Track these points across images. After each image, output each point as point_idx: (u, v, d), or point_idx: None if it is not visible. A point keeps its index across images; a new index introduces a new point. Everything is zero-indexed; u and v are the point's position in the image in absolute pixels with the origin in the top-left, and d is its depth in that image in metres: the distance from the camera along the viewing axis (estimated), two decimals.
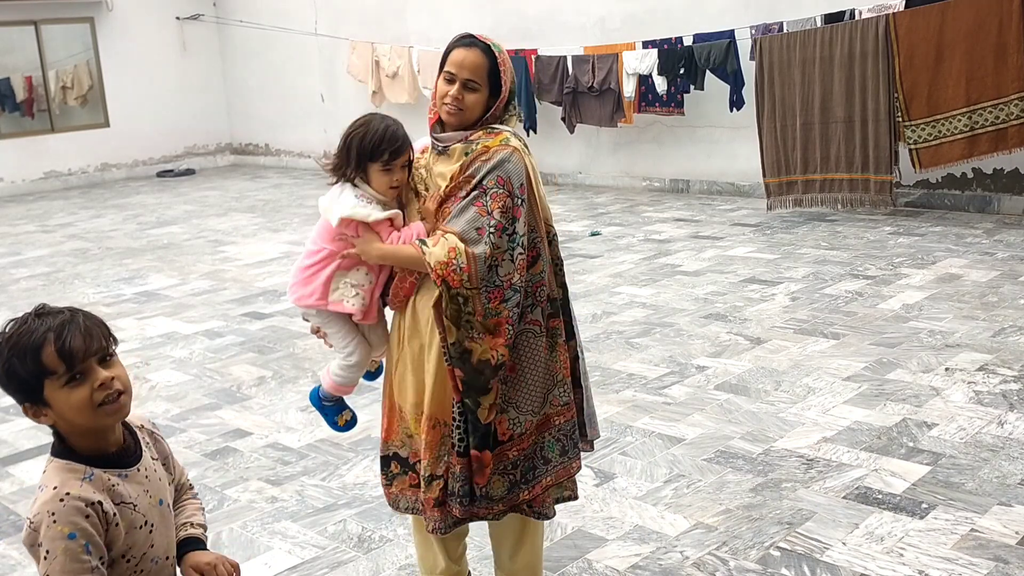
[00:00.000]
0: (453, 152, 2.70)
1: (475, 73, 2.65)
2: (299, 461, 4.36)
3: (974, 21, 7.76)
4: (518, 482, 2.78)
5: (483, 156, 2.65)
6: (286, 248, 9.07)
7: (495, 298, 2.59)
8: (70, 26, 14.29)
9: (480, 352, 2.60)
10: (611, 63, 10.19)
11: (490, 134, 2.70)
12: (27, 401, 1.88)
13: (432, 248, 2.60)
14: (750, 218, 9.10)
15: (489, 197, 2.61)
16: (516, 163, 2.65)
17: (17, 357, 1.84)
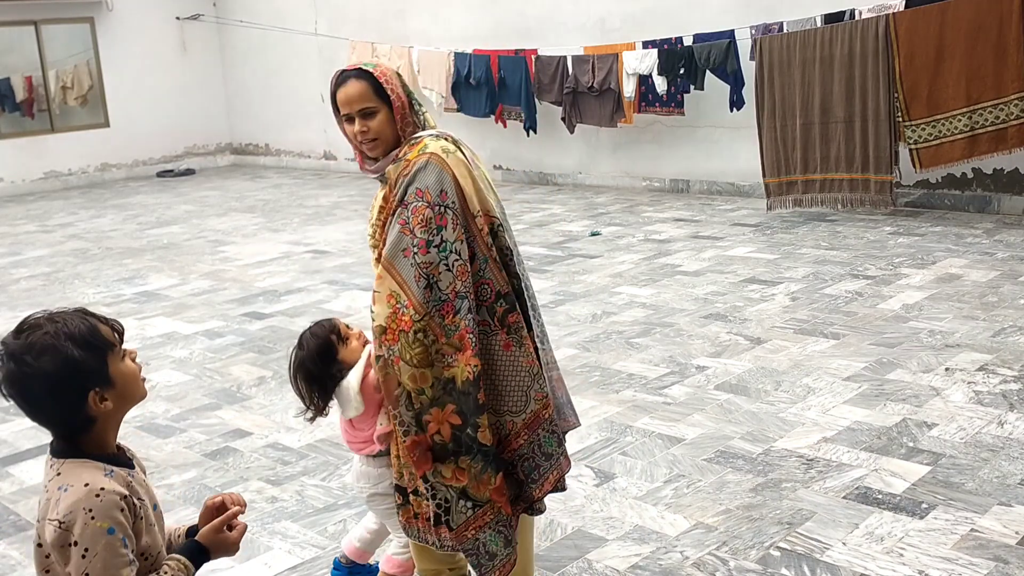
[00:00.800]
0: (390, 175, 2.68)
1: (363, 100, 2.64)
2: (299, 461, 4.36)
3: (974, 21, 7.76)
4: (525, 481, 2.76)
5: (404, 172, 2.63)
6: (286, 248, 9.07)
7: (448, 312, 2.56)
8: (70, 26, 14.29)
9: (460, 375, 2.57)
10: (611, 63, 10.19)
11: (412, 145, 2.68)
12: (97, 385, 1.88)
13: (377, 310, 2.61)
14: (750, 218, 9.10)
15: (410, 212, 2.57)
16: (431, 170, 2.60)
17: (77, 343, 1.86)
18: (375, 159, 2.72)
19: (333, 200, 11.81)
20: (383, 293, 2.59)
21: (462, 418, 2.60)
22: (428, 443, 2.61)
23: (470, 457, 2.62)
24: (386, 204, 2.67)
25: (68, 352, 1.83)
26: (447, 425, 2.60)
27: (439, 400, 2.59)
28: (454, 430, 2.60)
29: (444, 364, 2.57)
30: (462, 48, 11.77)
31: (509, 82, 11.21)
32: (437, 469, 2.63)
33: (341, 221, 10.36)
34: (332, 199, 11.90)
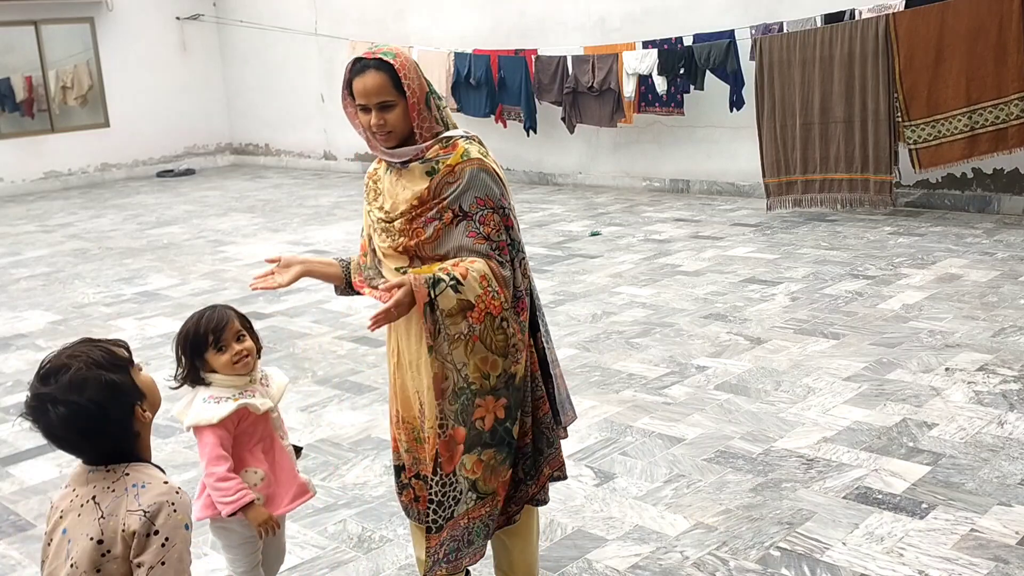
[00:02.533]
0: (414, 169, 2.67)
1: (381, 93, 2.59)
2: (299, 461, 4.35)
3: (974, 21, 7.76)
4: (524, 479, 2.80)
5: (449, 177, 2.63)
6: (286, 248, 9.07)
7: (522, 310, 2.66)
8: (70, 26, 14.29)
9: (521, 371, 2.65)
10: (611, 63, 10.19)
11: (446, 147, 2.67)
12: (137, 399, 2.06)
13: (466, 282, 2.55)
14: (750, 218, 9.10)
15: (478, 222, 2.61)
16: (486, 177, 2.64)
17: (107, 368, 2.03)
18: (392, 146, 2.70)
19: (333, 200, 11.81)
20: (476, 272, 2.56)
21: (507, 413, 2.65)
22: (462, 436, 2.63)
23: (495, 450, 2.66)
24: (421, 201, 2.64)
25: (106, 378, 1.96)
26: (492, 416, 2.64)
27: (497, 391, 2.62)
28: (496, 422, 2.65)
29: (515, 359, 2.63)
30: (462, 48, 11.77)
31: (509, 82, 11.22)
32: (463, 463, 2.65)
33: (341, 221, 10.36)
34: (332, 199, 11.90)
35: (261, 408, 2.81)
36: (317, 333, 6.28)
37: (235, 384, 2.80)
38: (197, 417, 2.76)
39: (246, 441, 2.82)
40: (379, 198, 2.76)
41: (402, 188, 2.68)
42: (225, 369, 2.78)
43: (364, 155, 14.07)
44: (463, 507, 2.70)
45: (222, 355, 2.77)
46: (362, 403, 5.02)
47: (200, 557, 3.59)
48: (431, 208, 2.63)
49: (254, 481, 2.81)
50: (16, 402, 5.32)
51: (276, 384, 2.94)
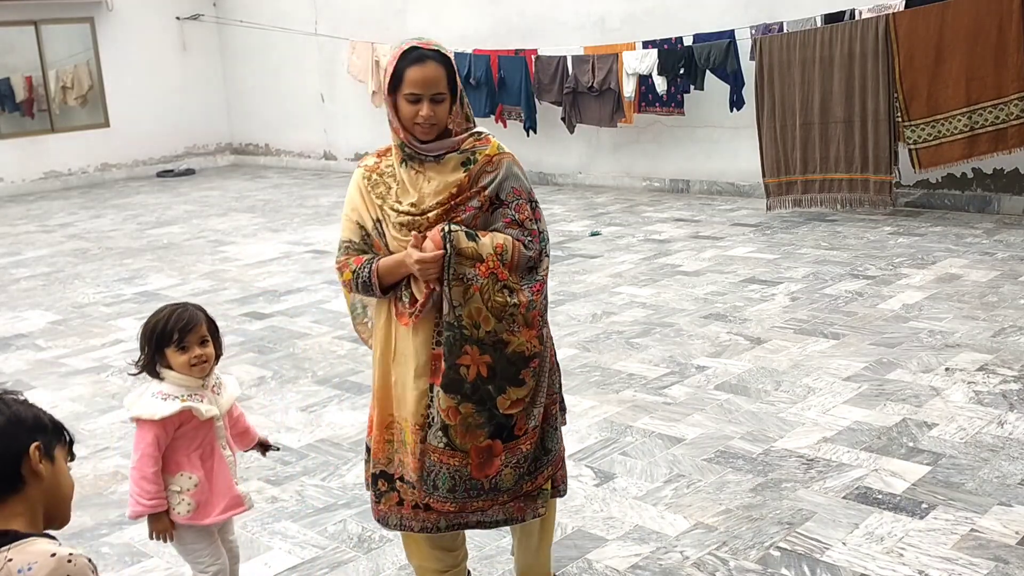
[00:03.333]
0: (448, 161, 2.69)
1: (438, 86, 2.61)
2: (299, 461, 4.36)
3: (974, 21, 7.76)
4: (524, 475, 2.78)
5: (487, 167, 2.70)
6: (286, 248, 9.07)
7: (537, 291, 2.69)
8: (70, 26, 14.29)
9: (516, 344, 2.65)
10: (611, 63, 10.19)
11: (480, 140, 2.73)
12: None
13: (482, 240, 2.62)
14: (750, 218, 9.10)
15: (512, 209, 2.70)
16: (518, 170, 2.75)
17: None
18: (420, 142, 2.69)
19: (333, 200, 11.81)
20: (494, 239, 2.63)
21: (490, 373, 2.64)
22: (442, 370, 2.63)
23: (475, 408, 2.65)
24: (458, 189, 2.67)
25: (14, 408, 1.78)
26: (476, 368, 2.63)
27: (484, 345, 2.63)
28: (479, 379, 2.64)
29: (509, 328, 2.64)
30: (462, 48, 11.77)
31: (509, 82, 11.22)
32: (439, 395, 2.65)
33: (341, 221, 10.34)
34: (332, 199, 11.90)
35: (205, 414, 2.81)
36: (317, 333, 6.28)
37: (187, 385, 2.81)
38: (141, 410, 2.76)
39: (185, 445, 2.82)
40: (393, 192, 2.72)
41: (429, 181, 2.68)
42: (181, 369, 2.80)
43: (364, 155, 14.04)
44: (433, 438, 2.68)
45: (181, 355, 2.79)
46: (362, 403, 5.02)
47: None
48: (471, 197, 2.68)
49: (187, 486, 2.81)
50: None
51: (228, 393, 2.94)
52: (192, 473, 2.82)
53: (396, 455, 2.78)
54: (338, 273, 2.81)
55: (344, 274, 2.77)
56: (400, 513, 2.80)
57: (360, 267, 2.73)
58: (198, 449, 2.84)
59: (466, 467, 2.70)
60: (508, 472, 2.73)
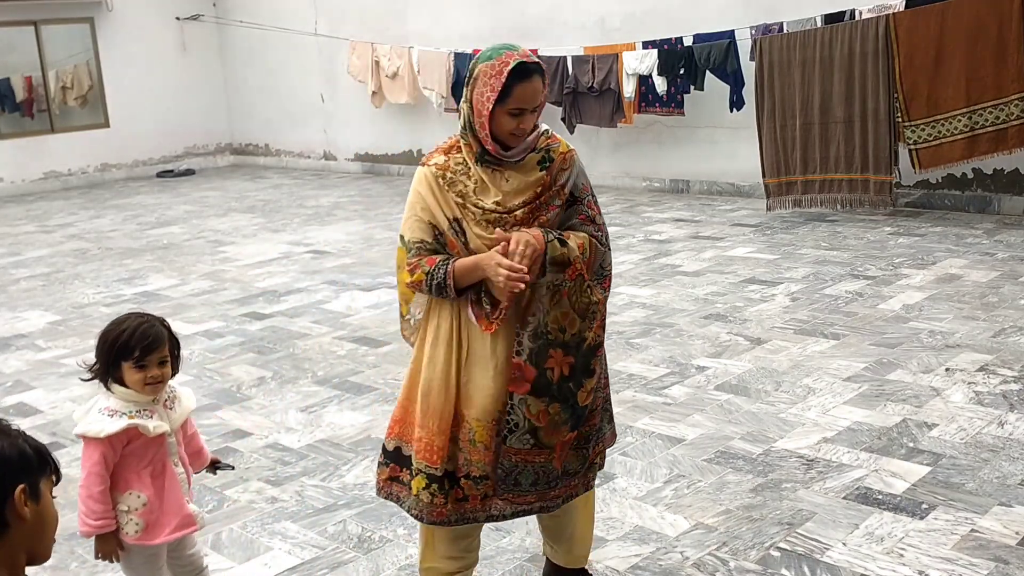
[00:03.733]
0: (529, 160, 2.74)
1: (539, 98, 2.67)
2: (299, 461, 4.36)
3: (974, 21, 7.76)
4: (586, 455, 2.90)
5: (563, 164, 2.78)
6: (286, 248, 9.07)
7: (607, 287, 2.85)
8: (70, 26, 14.29)
9: (591, 338, 2.78)
10: (611, 63, 10.19)
11: (550, 138, 2.81)
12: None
13: (569, 243, 2.70)
14: (750, 218, 9.10)
15: (586, 206, 2.80)
16: (582, 167, 2.86)
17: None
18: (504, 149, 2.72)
19: (333, 200, 11.81)
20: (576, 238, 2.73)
21: (571, 371, 2.74)
22: (533, 374, 2.70)
23: (560, 405, 2.74)
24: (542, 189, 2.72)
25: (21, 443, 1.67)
26: (559, 370, 2.72)
27: (568, 347, 2.73)
28: (561, 378, 2.73)
29: (589, 325, 2.77)
30: (462, 48, 11.77)
31: None
32: (526, 400, 2.71)
33: (341, 221, 10.35)
34: (332, 199, 11.90)
35: (153, 431, 2.70)
36: (317, 333, 6.28)
37: (136, 400, 2.71)
38: (87, 427, 2.67)
39: (134, 463, 2.72)
40: (474, 192, 2.70)
41: (508, 180, 2.71)
42: (134, 386, 2.70)
43: (364, 155, 14.08)
44: (518, 443, 2.74)
45: (137, 373, 2.69)
46: (362, 403, 5.02)
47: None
48: (553, 196, 2.75)
49: (136, 505, 2.72)
50: (16, 402, 5.32)
51: (182, 407, 2.85)
52: (141, 492, 2.72)
53: (461, 454, 2.75)
54: (407, 274, 2.73)
55: (415, 275, 2.70)
56: (463, 508, 2.80)
57: (434, 268, 2.67)
58: (148, 466, 2.74)
59: (550, 461, 2.79)
60: (572, 455, 2.84)
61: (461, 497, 2.78)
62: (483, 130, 2.66)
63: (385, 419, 4.75)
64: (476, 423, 2.73)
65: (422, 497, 2.78)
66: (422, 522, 2.84)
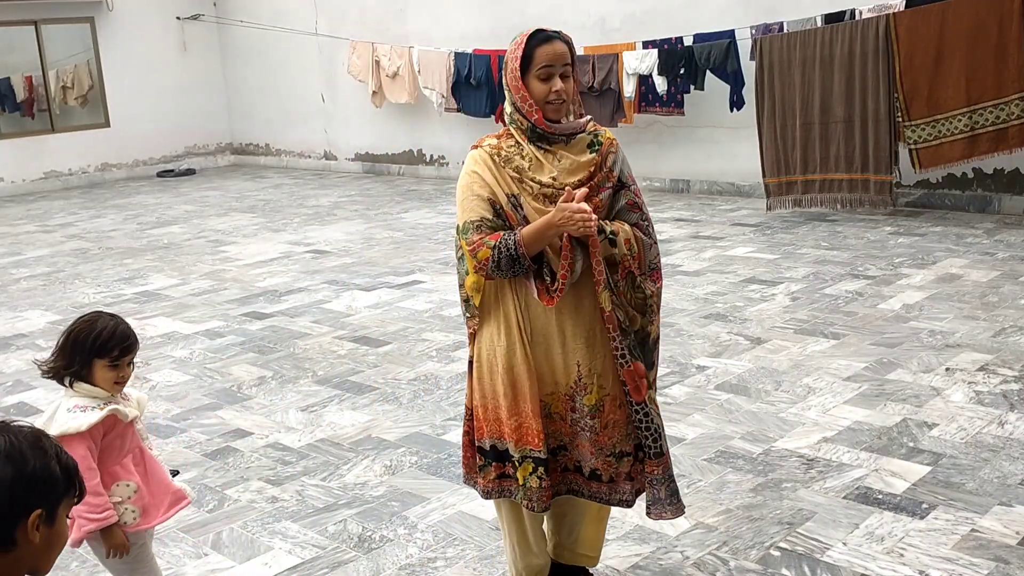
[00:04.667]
0: (579, 141, 2.79)
1: (565, 60, 2.72)
2: (299, 461, 4.36)
3: (974, 21, 7.76)
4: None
5: (611, 148, 2.83)
6: (286, 248, 9.07)
7: (658, 279, 2.86)
8: (70, 26, 14.29)
9: (654, 332, 2.87)
10: (611, 63, 10.19)
11: (596, 125, 2.87)
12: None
13: (618, 240, 2.73)
14: (750, 218, 9.10)
15: (633, 192, 2.85)
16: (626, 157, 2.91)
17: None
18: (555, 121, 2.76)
19: (333, 200, 11.81)
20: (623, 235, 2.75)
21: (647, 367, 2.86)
22: (642, 370, 2.81)
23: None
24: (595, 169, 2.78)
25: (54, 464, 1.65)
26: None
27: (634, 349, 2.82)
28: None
29: (650, 320, 2.85)
30: (462, 48, 11.77)
31: None
32: (651, 396, 2.85)
33: (341, 221, 10.36)
34: (332, 199, 11.90)
35: (128, 416, 2.73)
36: (317, 333, 6.28)
37: (98, 396, 2.71)
38: (64, 426, 2.63)
39: (115, 453, 2.73)
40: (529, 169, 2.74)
41: (560, 160, 2.77)
42: (104, 384, 2.70)
43: (364, 155, 14.07)
44: (665, 445, 2.88)
45: (111, 371, 2.69)
46: (362, 403, 5.02)
47: (200, 557, 3.59)
48: (604, 178, 2.80)
49: (127, 494, 2.73)
50: (16, 402, 5.32)
51: (135, 397, 2.86)
52: (129, 480, 2.74)
53: (556, 425, 2.85)
54: (469, 256, 2.69)
55: (481, 252, 2.65)
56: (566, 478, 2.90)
57: (500, 241, 2.64)
58: (128, 454, 2.76)
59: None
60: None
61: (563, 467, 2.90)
62: (525, 102, 2.72)
63: (385, 418, 4.77)
64: (550, 398, 2.82)
65: (531, 484, 2.80)
66: (533, 511, 2.87)
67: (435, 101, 12.09)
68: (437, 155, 13.04)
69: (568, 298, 2.73)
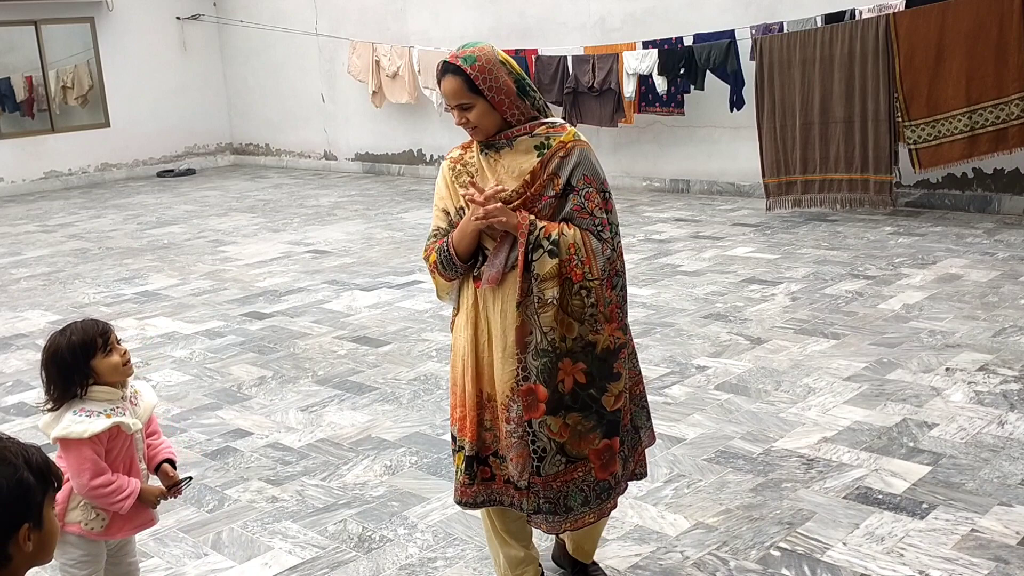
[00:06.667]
0: (519, 144, 2.81)
1: (458, 96, 2.77)
2: (299, 461, 4.36)
3: (974, 21, 7.76)
4: (628, 456, 2.96)
5: (560, 152, 2.79)
6: (286, 248, 9.07)
7: (608, 286, 2.78)
8: (70, 26, 14.29)
9: (603, 341, 2.78)
10: (611, 63, 10.19)
11: (554, 128, 2.84)
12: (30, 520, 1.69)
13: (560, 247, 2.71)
14: (750, 218, 9.10)
15: (583, 197, 2.78)
16: (592, 159, 2.84)
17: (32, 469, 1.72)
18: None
19: (333, 200, 11.81)
20: (565, 240, 2.72)
21: (587, 379, 2.78)
22: (545, 394, 2.75)
23: (581, 415, 2.79)
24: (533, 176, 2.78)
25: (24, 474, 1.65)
26: (571, 379, 2.77)
27: (575, 354, 2.76)
28: (576, 386, 2.77)
29: (592, 328, 2.76)
30: None
31: None
32: (545, 420, 2.77)
33: (341, 221, 10.36)
34: (332, 199, 11.90)
35: (132, 428, 2.72)
36: (317, 333, 6.28)
37: (110, 398, 2.70)
38: (68, 430, 2.63)
39: (110, 461, 2.72)
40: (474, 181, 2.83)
41: (505, 168, 2.82)
42: (113, 373, 2.69)
43: (364, 155, 14.08)
44: (552, 468, 2.80)
45: (110, 358, 2.69)
46: (362, 403, 5.02)
47: (200, 557, 3.59)
48: (545, 185, 2.78)
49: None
50: (16, 402, 5.32)
51: (144, 403, 2.85)
52: None
53: (488, 433, 2.88)
54: (425, 261, 2.93)
55: (431, 257, 2.89)
56: (490, 489, 2.91)
57: (441, 245, 2.86)
58: (121, 463, 2.75)
59: (590, 472, 2.84)
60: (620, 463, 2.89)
61: (488, 476, 2.90)
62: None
63: (385, 418, 4.78)
64: (491, 405, 2.86)
65: (458, 474, 2.92)
66: (456, 502, 2.96)
67: (435, 101, 12.09)
68: (437, 155, 13.03)
69: (503, 304, 2.78)
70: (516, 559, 3.09)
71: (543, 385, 2.75)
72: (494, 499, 2.92)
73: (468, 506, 2.96)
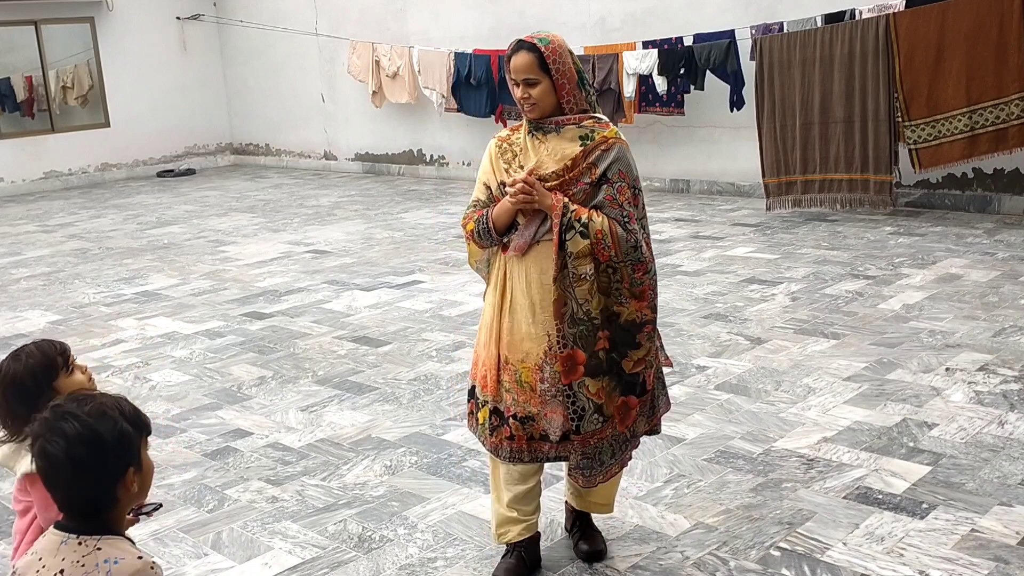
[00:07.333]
0: (566, 132, 3.06)
1: (527, 71, 3.00)
2: (299, 461, 4.36)
3: (974, 21, 7.76)
4: (648, 416, 3.23)
5: (602, 146, 3.06)
6: (286, 248, 9.07)
7: (640, 270, 3.05)
8: (70, 26, 14.28)
9: (627, 314, 3.08)
10: (611, 63, 10.19)
11: (600, 123, 3.11)
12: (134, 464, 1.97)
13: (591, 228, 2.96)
14: (750, 218, 9.10)
15: (616, 190, 3.03)
16: (629, 157, 3.10)
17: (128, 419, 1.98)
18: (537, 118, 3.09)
19: (333, 200, 11.81)
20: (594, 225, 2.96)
21: (611, 345, 3.07)
22: (583, 358, 3.01)
23: (608, 377, 3.07)
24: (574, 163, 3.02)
25: (123, 425, 1.90)
26: (603, 346, 3.05)
27: (603, 326, 3.05)
28: (604, 352, 3.06)
29: (617, 300, 3.07)
30: (462, 48, 11.77)
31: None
32: (584, 382, 3.04)
33: (341, 221, 10.35)
34: (332, 199, 11.90)
35: None
36: (317, 333, 6.28)
37: None
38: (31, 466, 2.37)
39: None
40: (517, 159, 3.09)
41: (548, 151, 3.05)
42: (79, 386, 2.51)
43: (364, 155, 14.08)
44: (589, 426, 3.06)
45: (74, 376, 2.52)
46: (362, 403, 5.02)
47: (200, 557, 3.59)
48: (583, 172, 3.02)
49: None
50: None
51: None
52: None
53: (507, 395, 3.08)
54: (463, 228, 3.19)
55: (468, 225, 3.15)
56: (511, 446, 3.11)
57: (481, 216, 3.12)
58: None
59: (616, 429, 3.12)
60: (640, 420, 3.18)
61: (508, 436, 3.10)
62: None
63: (386, 418, 4.78)
64: (521, 365, 3.06)
65: (487, 426, 3.15)
66: (488, 451, 3.20)
67: (435, 101, 12.09)
68: (437, 155, 13.03)
69: (536, 271, 3.03)
70: (504, 518, 3.27)
71: (582, 350, 3.01)
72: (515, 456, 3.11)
73: (495, 454, 3.16)
